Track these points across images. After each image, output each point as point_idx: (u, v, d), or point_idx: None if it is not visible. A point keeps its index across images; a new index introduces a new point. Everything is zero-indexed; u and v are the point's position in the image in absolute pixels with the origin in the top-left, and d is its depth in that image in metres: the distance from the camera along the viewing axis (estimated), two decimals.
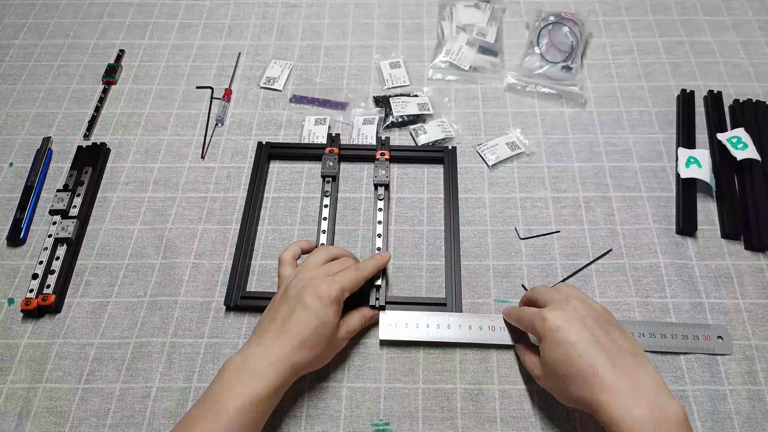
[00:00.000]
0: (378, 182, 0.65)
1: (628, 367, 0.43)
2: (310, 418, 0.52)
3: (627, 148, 0.70)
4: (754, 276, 0.60)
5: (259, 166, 0.68)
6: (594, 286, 0.59)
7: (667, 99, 0.74)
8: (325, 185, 0.66)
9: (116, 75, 0.78)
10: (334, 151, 0.68)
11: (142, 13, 0.86)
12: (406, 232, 0.64)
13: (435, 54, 0.79)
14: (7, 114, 0.75)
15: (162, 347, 0.56)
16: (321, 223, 0.63)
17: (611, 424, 0.41)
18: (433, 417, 0.52)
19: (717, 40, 0.80)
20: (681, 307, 0.58)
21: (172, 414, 0.53)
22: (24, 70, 0.79)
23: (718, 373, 0.54)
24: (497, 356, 0.55)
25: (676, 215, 0.64)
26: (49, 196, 0.67)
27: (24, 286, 0.61)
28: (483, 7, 0.83)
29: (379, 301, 0.57)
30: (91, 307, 0.59)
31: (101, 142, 0.71)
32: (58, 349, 0.57)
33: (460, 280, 0.59)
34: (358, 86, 0.76)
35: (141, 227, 0.65)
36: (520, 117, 0.73)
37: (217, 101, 0.75)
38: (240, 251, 0.61)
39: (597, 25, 0.83)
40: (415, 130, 0.71)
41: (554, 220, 0.64)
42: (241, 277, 0.60)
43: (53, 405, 0.53)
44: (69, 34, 0.84)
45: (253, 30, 0.83)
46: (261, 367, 0.46)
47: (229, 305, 0.58)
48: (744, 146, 0.65)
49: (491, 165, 0.68)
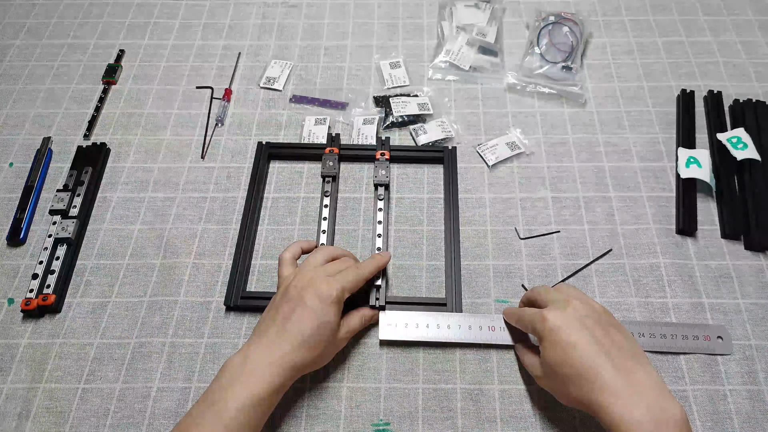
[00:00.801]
0: (378, 182, 0.65)
1: (628, 367, 0.43)
2: (310, 418, 0.52)
3: (627, 148, 0.70)
4: (754, 276, 0.60)
5: (259, 166, 0.68)
6: (594, 286, 0.59)
7: (667, 99, 0.74)
8: (325, 185, 0.65)
9: (116, 75, 0.78)
10: (334, 151, 0.68)
11: (142, 13, 0.86)
12: (406, 232, 0.64)
13: (435, 54, 0.79)
14: (7, 114, 0.75)
15: (162, 347, 0.56)
16: (321, 223, 0.63)
17: (611, 425, 0.41)
18: (433, 417, 0.52)
19: (717, 40, 0.80)
20: (681, 307, 0.58)
21: (172, 414, 0.53)
22: (24, 70, 0.79)
23: (718, 373, 0.54)
24: (497, 356, 0.55)
25: (676, 215, 0.64)
26: (49, 196, 0.67)
27: (24, 286, 0.61)
28: (483, 7, 0.83)
29: (378, 301, 0.57)
30: (91, 307, 0.59)
31: (101, 142, 0.71)
32: (58, 349, 0.57)
33: (460, 280, 0.59)
34: (358, 86, 0.76)
35: (141, 227, 0.65)
36: (520, 117, 0.73)
37: (217, 101, 0.75)
38: (240, 251, 0.61)
39: (597, 25, 0.83)
40: (415, 130, 0.71)
41: (554, 220, 0.64)
42: (241, 277, 0.60)
43: (53, 405, 0.53)
44: (69, 34, 0.84)
45: (253, 30, 0.83)
46: (261, 366, 0.46)
47: (229, 305, 0.58)
48: (744, 146, 0.65)
49: (491, 165, 0.68)
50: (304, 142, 0.70)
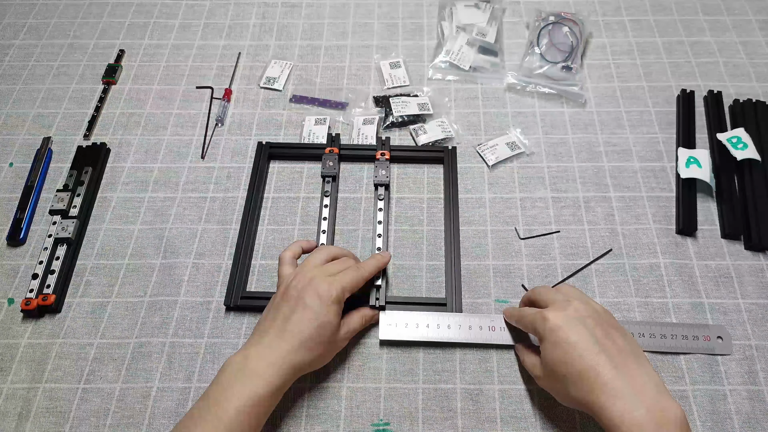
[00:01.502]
0: (378, 182, 0.65)
1: (628, 368, 0.43)
2: (310, 418, 0.52)
3: (627, 148, 0.70)
4: (754, 276, 0.60)
5: (259, 166, 0.68)
6: (594, 286, 0.59)
7: (667, 99, 0.74)
8: (325, 185, 0.65)
9: (116, 75, 0.78)
10: (334, 151, 0.68)
11: (142, 13, 0.86)
12: (406, 232, 0.64)
13: (435, 54, 0.79)
14: (7, 114, 0.75)
15: (162, 347, 0.56)
16: (321, 222, 0.63)
17: (611, 426, 0.41)
18: (433, 417, 0.52)
19: (717, 40, 0.80)
20: (681, 307, 0.58)
21: (172, 414, 0.53)
22: (24, 70, 0.79)
23: (718, 373, 0.54)
24: (497, 356, 0.55)
25: (676, 215, 0.64)
26: (49, 196, 0.67)
27: (24, 286, 0.61)
28: (483, 7, 0.83)
29: (379, 301, 0.57)
30: (91, 307, 0.59)
31: (101, 142, 0.71)
32: (58, 349, 0.57)
33: (460, 280, 0.59)
34: (358, 86, 0.76)
35: (141, 227, 0.65)
36: (520, 117, 0.73)
37: (217, 101, 0.75)
38: (240, 251, 0.61)
39: (597, 25, 0.83)
40: (415, 130, 0.71)
41: (554, 220, 0.64)
42: (241, 277, 0.60)
43: (53, 405, 0.53)
44: (69, 34, 0.84)
45: (253, 30, 0.83)
46: (261, 366, 0.46)
47: (229, 305, 0.58)
48: (744, 146, 0.65)
49: (491, 165, 0.68)
50: (304, 142, 0.70)
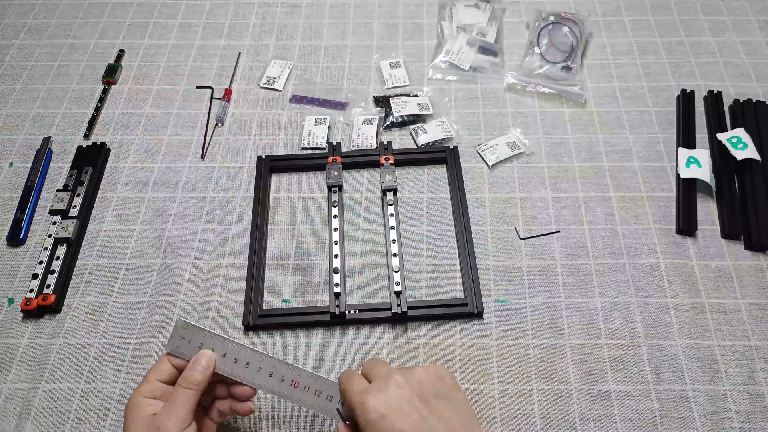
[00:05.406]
0: (386, 187, 0.65)
1: None
2: (310, 418, 0.52)
3: (627, 148, 0.70)
4: (754, 276, 0.60)
5: (261, 182, 0.67)
6: (594, 286, 0.59)
7: (667, 99, 0.74)
8: (331, 195, 0.65)
9: (116, 75, 0.78)
10: (337, 160, 0.67)
11: (142, 13, 0.86)
12: (405, 232, 0.64)
13: (435, 54, 0.79)
14: (7, 114, 0.75)
15: (162, 347, 0.56)
16: (332, 233, 0.62)
17: None
18: None
19: (717, 40, 0.80)
20: (681, 307, 0.58)
21: None
22: (24, 70, 0.79)
23: (718, 373, 0.54)
24: (497, 356, 0.55)
25: (676, 215, 0.64)
26: (49, 196, 0.67)
27: (24, 286, 0.61)
28: (483, 7, 0.83)
29: (401, 307, 0.56)
30: (91, 307, 0.59)
31: (101, 142, 0.71)
32: (58, 349, 0.57)
33: (477, 279, 0.59)
34: (358, 86, 0.76)
35: (141, 227, 0.65)
36: (520, 117, 0.73)
37: (217, 101, 0.75)
38: (251, 281, 0.59)
39: (597, 25, 0.83)
40: (415, 130, 0.71)
41: (554, 220, 0.64)
42: (257, 299, 0.58)
43: (53, 405, 0.53)
44: (69, 34, 0.84)
45: (253, 30, 0.83)
46: None
47: (247, 325, 0.57)
48: (744, 146, 0.65)
49: (491, 165, 0.68)
50: (305, 153, 0.69)
